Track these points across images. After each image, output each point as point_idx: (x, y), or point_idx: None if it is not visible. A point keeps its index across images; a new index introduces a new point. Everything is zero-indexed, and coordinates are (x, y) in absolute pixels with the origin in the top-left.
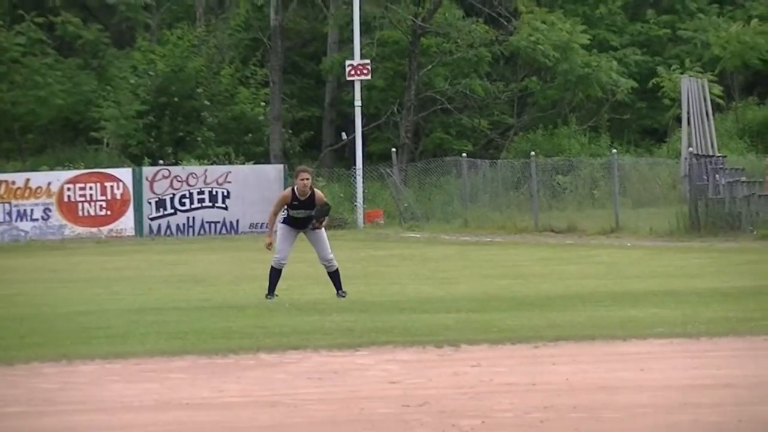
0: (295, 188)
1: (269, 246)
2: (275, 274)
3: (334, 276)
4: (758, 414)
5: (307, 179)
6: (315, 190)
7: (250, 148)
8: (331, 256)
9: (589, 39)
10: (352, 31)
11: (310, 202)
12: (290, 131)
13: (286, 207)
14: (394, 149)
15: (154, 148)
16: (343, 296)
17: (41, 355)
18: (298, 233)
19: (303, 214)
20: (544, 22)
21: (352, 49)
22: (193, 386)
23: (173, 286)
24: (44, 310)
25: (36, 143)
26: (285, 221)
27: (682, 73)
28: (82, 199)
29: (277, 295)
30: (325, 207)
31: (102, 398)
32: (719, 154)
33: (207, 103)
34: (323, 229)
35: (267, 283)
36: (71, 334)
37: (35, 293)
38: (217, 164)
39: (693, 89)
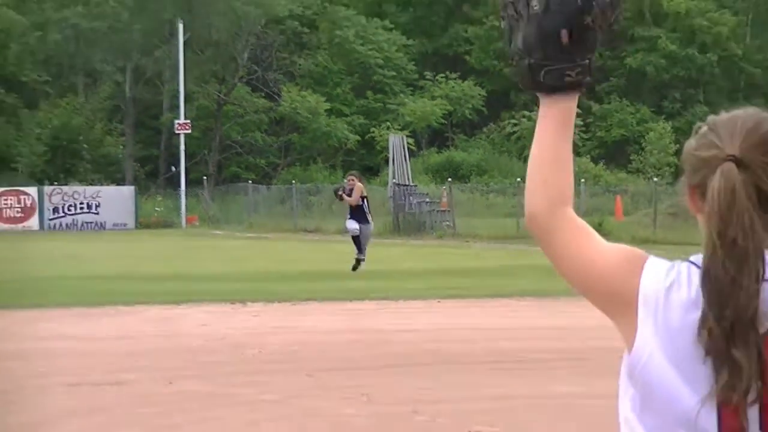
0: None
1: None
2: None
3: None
4: None
5: (351, 180)
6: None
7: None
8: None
9: (329, 108)
10: (179, 100)
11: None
12: (139, 164)
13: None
14: (205, 177)
15: None
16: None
17: None
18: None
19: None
20: (300, 96)
21: (179, 111)
22: None
23: None
24: None
25: None
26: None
27: (388, 129)
28: None
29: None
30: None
31: None
32: (413, 184)
33: None
34: (369, 226)
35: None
36: None
37: None
38: None
39: (396, 142)
